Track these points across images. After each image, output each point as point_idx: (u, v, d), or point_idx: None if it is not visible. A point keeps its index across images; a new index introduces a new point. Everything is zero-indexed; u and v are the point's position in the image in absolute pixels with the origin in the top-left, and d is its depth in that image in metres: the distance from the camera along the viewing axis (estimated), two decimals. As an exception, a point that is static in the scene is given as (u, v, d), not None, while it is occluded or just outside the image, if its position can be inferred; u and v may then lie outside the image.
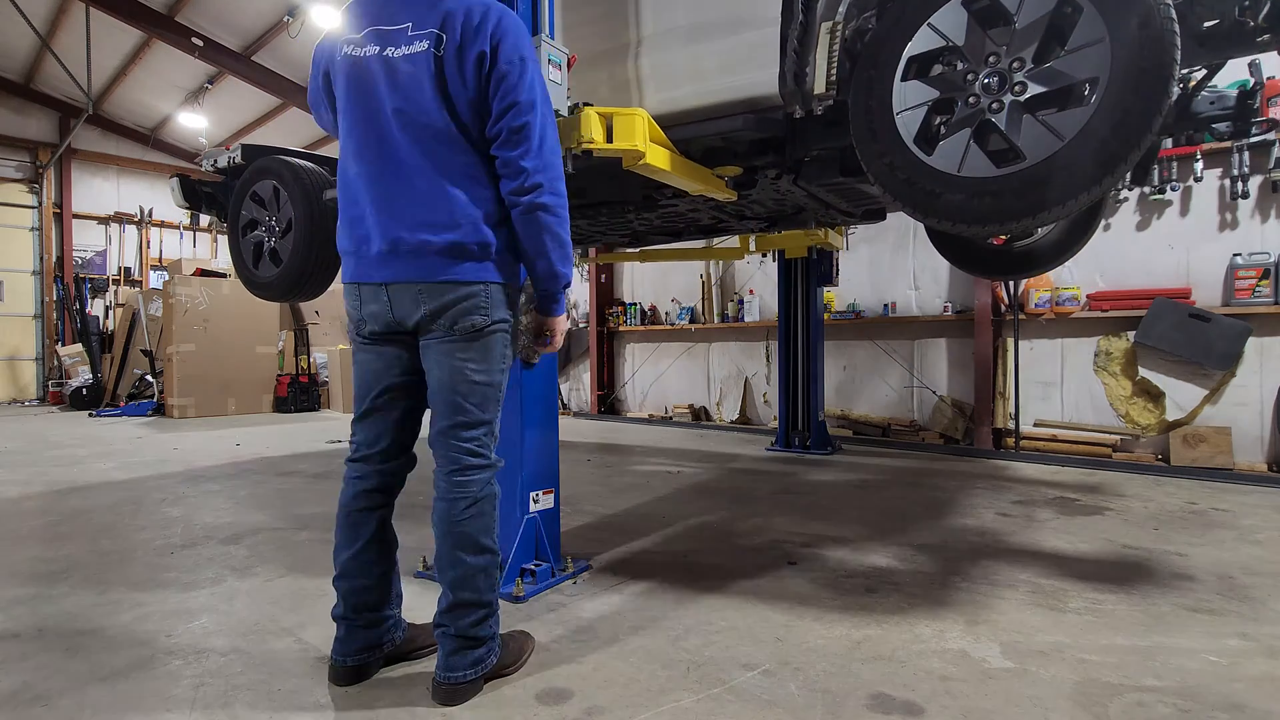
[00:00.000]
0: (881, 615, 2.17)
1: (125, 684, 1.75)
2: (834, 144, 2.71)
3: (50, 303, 11.39)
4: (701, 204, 3.68)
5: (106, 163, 12.09)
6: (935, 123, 2.10)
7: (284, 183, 3.59)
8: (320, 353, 9.66)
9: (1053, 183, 1.87)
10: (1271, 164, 4.44)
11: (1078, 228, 3.43)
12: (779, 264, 5.63)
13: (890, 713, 1.59)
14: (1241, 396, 4.62)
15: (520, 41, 1.63)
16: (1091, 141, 1.82)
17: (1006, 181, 1.94)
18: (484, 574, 1.67)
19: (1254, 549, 2.86)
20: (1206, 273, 4.75)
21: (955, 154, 2.02)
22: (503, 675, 1.76)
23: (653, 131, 2.52)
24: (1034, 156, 1.90)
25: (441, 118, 1.61)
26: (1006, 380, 5.47)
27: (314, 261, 3.51)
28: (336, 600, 1.75)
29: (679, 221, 4.29)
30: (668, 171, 2.62)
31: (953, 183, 2.02)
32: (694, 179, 2.83)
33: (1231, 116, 2.49)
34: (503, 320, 1.70)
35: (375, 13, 1.68)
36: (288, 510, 3.59)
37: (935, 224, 2.11)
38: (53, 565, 2.71)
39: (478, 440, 1.70)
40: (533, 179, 1.60)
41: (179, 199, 4.18)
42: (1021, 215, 1.94)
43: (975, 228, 2.03)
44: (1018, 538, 3.03)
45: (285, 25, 8.46)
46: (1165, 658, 1.87)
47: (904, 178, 2.11)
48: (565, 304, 1.78)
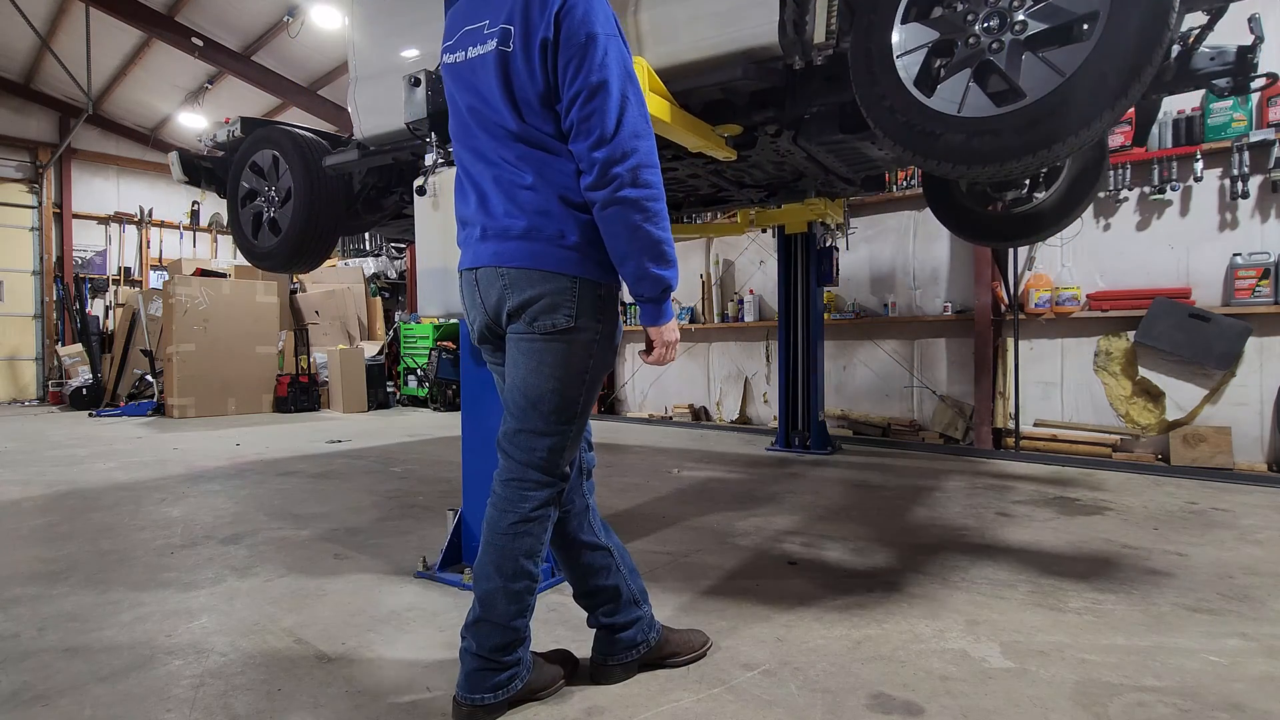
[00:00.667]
0: (881, 615, 2.16)
1: (125, 684, 1.75)
2: (834, 99, 2.71)
3: (50, 303, 11.39)
4: (701, 168, 3.67)
5: (106, 163, 12.09)
6: (935, 65, 2.11)
7: (283, 151, 3.58)
8: (320, 353, 9.66)
9: (1054, 118, 1.88)
10: (1271, 164, 4.44)
11: (1078, 189, 3.41)
12: (778, 240, 5.60)
13: (890, 713, 1.59)
14: (1241, 396, 4.62)
15: (589, 16, 1.48)
16: (1092, 76, 1.83)
17: (1007, 120, 1.95)
18: (513, 598, 1.57)
19: (1254, 549, 2.86)
20: (1206, 272, 4.75)
21: (955, 95, 2.04)
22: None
23: (652, 83, 2.51)
24: (1035, 94, 1.91)
25: (513, 119, 1.54)
26: (1006, 380, 5.47)
27: (313, 230, 3.49)
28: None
29: (679, 190, 4.27)
30: (668, 124, 2.61)
31: (952, 123, 2.03)
32: (694, 133, 2.81)
33: (1231, 71, 2.48)
34: (588, 326, 1.55)
35: (466, 13, 1.65)
36: (288, 510, 3.59)
37: (935, 167, 2.11)
38: (53, 565, 2.71)
39: (542, 453, 1.60)
40: (609, 172, 1.46)
41: (179, 174, 4.18)
42: (1021, 153, 1.94)
43: (975, 168, 2.03)
44: (1018, 537, 3.03)
45: (285, 25, 8.46)
46: (1165, 658, 1.87)
47: (903, 120, 2.11)
48: (672, 311, 1.62)
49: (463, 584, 2.41)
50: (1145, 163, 4.88)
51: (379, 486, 4.20)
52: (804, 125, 2.99)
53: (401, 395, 9.93)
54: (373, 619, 2.17)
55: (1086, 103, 1.84)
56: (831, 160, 3.58)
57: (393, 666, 1.84)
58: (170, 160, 4.19)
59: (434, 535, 3.06)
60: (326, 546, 2.95)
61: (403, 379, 9.85)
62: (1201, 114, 4.71)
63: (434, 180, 2.27)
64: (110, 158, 12.11)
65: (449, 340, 9.24)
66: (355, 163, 3.43)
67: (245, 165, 3.74)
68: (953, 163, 2.04)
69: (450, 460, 5.11)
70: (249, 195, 3.76)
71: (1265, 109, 4.52)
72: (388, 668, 1.84)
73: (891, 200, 6.20)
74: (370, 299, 11.14)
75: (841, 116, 2.88)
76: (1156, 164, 4.83)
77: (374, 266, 11.68)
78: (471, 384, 2.57)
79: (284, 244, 3.54)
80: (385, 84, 3.19)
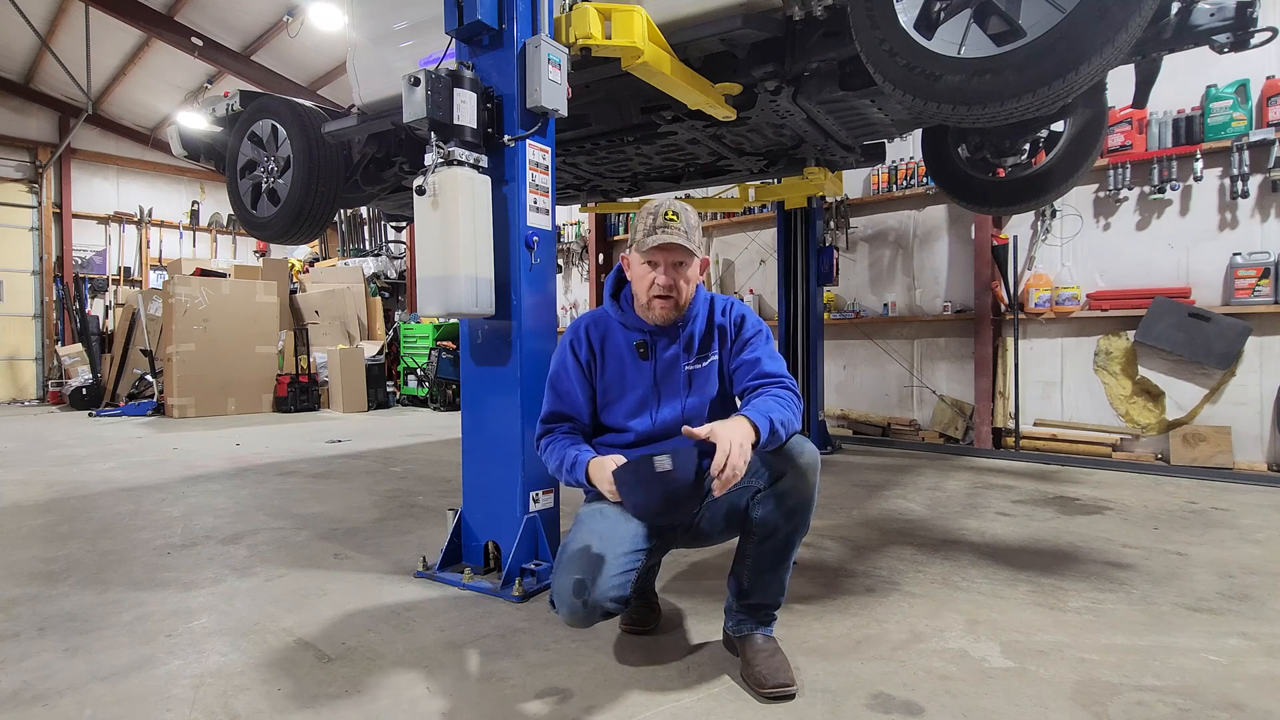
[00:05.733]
0: (882, 615, 2.16)
1: (125, 684, 1.75)
2: (833, 54, 2.72)
3: (50, 303, 11.39)
4: (701, 133, 3.66)
5: (106, 162, 12.08)
6: (935, 8, 2.12)
7: (282, 120, 3.57)
8: (320, 352, 9.66)
9: (1054, 54, 1.88)
10: (1271, 163, 4.44)
11: (1078, 150, 3.42)
12: (778, 217, 5.61)
13: (890, 712, 1.59)
14: (1241, 396, 4.62)
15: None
16: (1092, 10, 1.83)
17: (1008, 58, 1.95)
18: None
19: (1254, 548, 2.86)
20: (1206, 272, 4.75)
21: (955, 37, 2.04)
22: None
23: (652, 33, 2.51)
24: (1035, 32, 1.91)
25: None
26: (1006, 380, 5.47)
27: (313, 198, 3.47)
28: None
29: (678, 159, 4.26)
30: (668, 76, 2.60)
31: (952, 64, 2.04)
32: (694, 88, 2.81)
33: (1231, 27, 2.48)
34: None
35: None
36: (288, 510, 3.59)
37: (935, 110, 2.11)
38: (53, 565, 2.71)
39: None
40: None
41: (178, 149, 4.17)
42: (1022, 91, 1.94)
43: (975, 109, 2.03)
44: (1018, 537, 3.03)
45: (285, 25, 8.46)
46: (1165, 657, 1.87)
47: (904, 63, 2.12)
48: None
49: (463, 584, 2.41)
50: (1145, 162, 4.88)
51: (379, 486, 4.20)
52: (804, 82, 2.99)
53: (401, 395, 9.93)
54: (373, 619, 2.16)
55: (1089, 36, 1.84)
56: (831, 123, 3.58)
57: (393, 666, 1.84)
58: (169, 135, 4.18)
59: (434, 535, 3.06)
60: (326, 546, 2.95)
61: (403, 379, 9.85)
62: (1201, 113, 4.71)
63: (434, 180, 2.26)
64: (110, 157, 12.11)
65: (449, 340, 9.24)
66: (355, 129, 3.41)
67: (244, 135, 3.73)
68: (953, 104, 2.04)
69: (450, 460, 5.10)
70: (248, 166, 3.75)
71: (1265, 108, 4.52)
72: (388, 668, 1.83)
73: (891, 200, 6.20)
74: (370, 299, 11.13)
75: (842, 74, 2.89)
76: (1156, 163, 4.82)
77: (374, 266, 11.67)
78: (471, 384, 2.57)
79: (282, 213, 3.53)
80: (385, 49, 3.18)
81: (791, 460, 1.65)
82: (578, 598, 1.60)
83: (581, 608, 1.60)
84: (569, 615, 1.62)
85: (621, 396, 1.88)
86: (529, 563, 2.43)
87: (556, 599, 1.65)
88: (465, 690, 1.71)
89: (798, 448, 1.66)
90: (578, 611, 1.61)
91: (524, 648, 1.94)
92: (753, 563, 1.73)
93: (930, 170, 4.17)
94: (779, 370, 1.76)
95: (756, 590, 1.74)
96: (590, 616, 1.61)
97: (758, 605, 1.76)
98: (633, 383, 1.87)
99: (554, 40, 2.43)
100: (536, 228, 2.46)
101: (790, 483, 1.64)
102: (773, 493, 1.65)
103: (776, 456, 1.66)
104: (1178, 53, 2.76)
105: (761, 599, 1.75)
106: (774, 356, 1.79)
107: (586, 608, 1.60)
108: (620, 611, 1.66)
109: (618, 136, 3.73)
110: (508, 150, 2.41)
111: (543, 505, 2.48)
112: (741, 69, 2.92)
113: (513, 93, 2.39)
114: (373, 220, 12.42)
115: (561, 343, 1.94)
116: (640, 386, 1.86)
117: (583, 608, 1.60)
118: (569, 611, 1.62)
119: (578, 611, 1.61)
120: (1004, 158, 3.62)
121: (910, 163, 6.06)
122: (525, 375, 2.42)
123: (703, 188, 5.45)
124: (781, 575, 1.74)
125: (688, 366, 1.84)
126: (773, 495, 1.65)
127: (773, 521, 1.67)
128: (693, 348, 1.85)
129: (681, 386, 1.84)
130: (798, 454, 1.65)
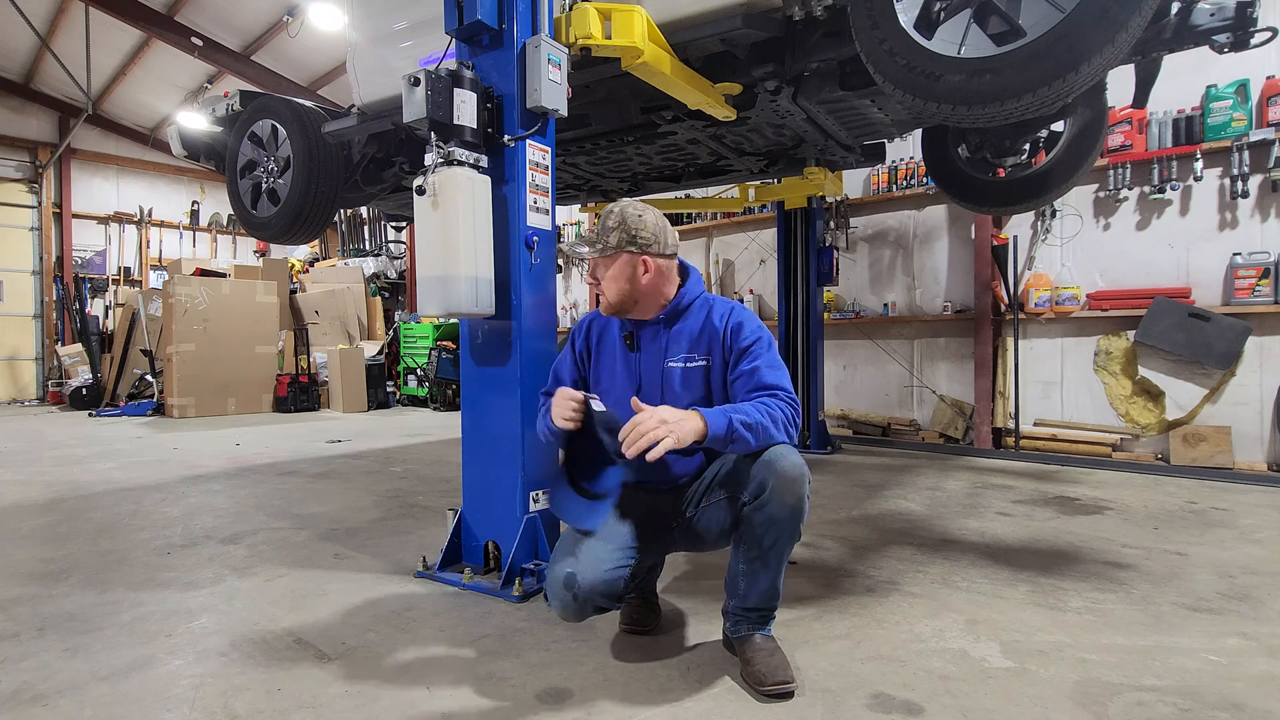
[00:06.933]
0: (882, 615, 2.16)
1: (125, 684, 1.75)
2: (833, 54, 2.72)
3: (50, 303, 11.39)
4: (701, 131, 3.66)
5: (106, 162, 12.09)
6: (935, 8, 2.12)
7: (282, 120, 3.57)
8: (320, 352, 9.66)
9: (1054, 54, 1.88)
10: (1271, 163, 4.44)
11: (1077, 150, 3.42)
12: (778, 218, 5.62)
13: (890, 712, 1.59)
14: (1241, 396, 4.62)
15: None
16: (1092, 10, 1.84)
17: (1008, 58, 1.95)
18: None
19: (1254, 548, 2.86)
20: (1206, 272, 4.75)
21: (955, 36, 2.05)
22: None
23: (652, 33, 2.51)
24: (1035, 31, 1.92)
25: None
26: (1006, 380, 5.47)
27: (313, 198, 3.47)
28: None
29: (678, 159, 4.26)
30: (668, 76, 2.60)
31: (952, 64, 2.04)
32: (694, 88, 2.81)
33: (1231, 27, 2.48)
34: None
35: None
36: (288, 510, 3.59)
37: (935, 110, 2.11)
38: (53, 565, 2.71)
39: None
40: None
41: (178, 149, 4.17)
42: (1022, 91, 1.94)
43: (975, 109, 2.03)
44: (1018, 537, 3.03)
45: (285, 25, 8.47)
46: (1165, 657, 1.87)
47: (903, 63, 2.12)
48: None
49: (463, 584, 2.41)
50: (1145, 162, 4.88)
51: (379, 486, 4.20)
52: (804, 82, 2.99)
53: (401, 395, 9.93)
54: (373, 619, 2.16)
55: (1089, 36, 1.84)
56: (831, 123, 3.58)
57: (393, 666, 1.84)
58: (169, 135, 4.18)
59: (434, 535, 3.06)
60: (326, 546, 2.95)
61: (403, 379, 9.85)
62: (1201, 113, 4.71)
63: (434, 180, 2.26)
64: (110, 157, 12.11)
65: (449, 340, 9.24)
66: (355, 129, 3.41)
67: (244, 135, 3.73)
68: (953, 104, 2.04)
69: (450, 460, 5.10)
70: (248, 166, 3.75)
71: (1265, 108, 4.52)
72: (388, 668, 1.83)
73: (891, 200, 6.20)
74: (370, 299, 11.14)
75: (842, 74, 2.89)
76: (1156, 163, 4.83)
77: (374, 266, 11.68)
78: (471, 384, 2.57)
79: (282, 213, 3.53)
80: (384, 49, 3.17)
81: (777, 471, 1.64)
82: (568, 590, 1.65)
83: (572, 600, 1.65)
84: (560, 608, 1.68)
85: (611, 386, 1.93)
86: (529, 563, 2.43)
87: (549, 591, 1.70)
88: (465, 690, 1.71)
89: (783, 458, 1.64)
90: (569, 604, 1.66)
91: (524, 647, 1.94)
92: (746, 569, 1.74)
93: (930, 170, 4.18)
94: (777, 381, 1.74)
95: (752, 595, 1.75)
96: (582, 610, 1.66)
97: (754, 609, 1.76)
98: (619, 373, 1.92)
99: (554, 40, 2.43)
100: (536, 228, 2.46)
101: (776, 493, 1.63)
102: (760, 503, 1.65)
103: (763, 468, 1.65)
104: (1178, 53, 2.76)
105: (757, 603, 1.75)
106: (774, 366, 1.77)
107: (577, 601, 1.64)
108: (612, 607, 1.71)
109: (618, 136, 3.73)
110: (508, 150, 2.41)
111: (543, 505, 2.48)
112: (741, 69, 2.92)
113: (513, 93, 2.39)
114: (373, 220, 12.42)
115: (569, 334, 2.06)
116: (624, 376, 1.91)
117: (573, 600, 1.65)
118: (560, 604, 1.67)
119: (569, 604, 1.66)
120: (1004, 158, 3.62)
121: (910, 163, 6.06)
122: (525, 375, 2.42)
123: (703, 188, 5.46)
124: (775, 581, 1.74)
125: (669, 363, 1.86)
126: (760, 506, 1.65)
127: (760, 531, 1.67)
128: (681, 346, 1.86)
129: (662, 381, 1.86)
130: (782, 464, 1.64)
